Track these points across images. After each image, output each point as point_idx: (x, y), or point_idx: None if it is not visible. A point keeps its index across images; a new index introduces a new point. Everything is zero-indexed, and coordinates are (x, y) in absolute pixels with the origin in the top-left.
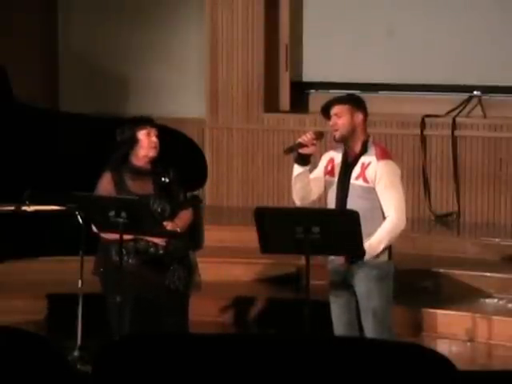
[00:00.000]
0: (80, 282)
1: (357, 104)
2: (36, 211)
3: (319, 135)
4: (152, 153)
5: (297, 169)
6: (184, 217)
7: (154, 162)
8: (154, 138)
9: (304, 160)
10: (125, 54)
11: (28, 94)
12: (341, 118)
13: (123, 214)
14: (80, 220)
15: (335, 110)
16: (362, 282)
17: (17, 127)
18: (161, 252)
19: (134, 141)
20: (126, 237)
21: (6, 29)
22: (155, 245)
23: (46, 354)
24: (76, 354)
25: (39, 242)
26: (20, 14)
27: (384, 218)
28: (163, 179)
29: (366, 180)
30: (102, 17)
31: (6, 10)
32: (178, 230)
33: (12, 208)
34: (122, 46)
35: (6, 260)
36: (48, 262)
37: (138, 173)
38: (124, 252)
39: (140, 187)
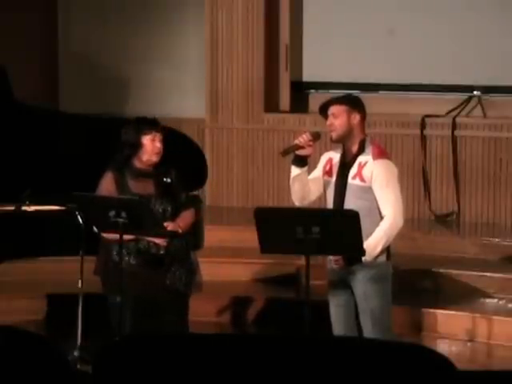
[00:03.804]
0: (80, 282)
1: (354, 104)
2: (36, 211)
3: (316, 136)
4: (155, 158)
5: (294, 170)
6: (186, 217)
7: (155, 163)
8: (158, 144)
9: (301, 161)
10: (125, 54)
11: (28, 94)
12: (337, 119)
13: (123, 214)
14: (80, 220)
15: (332, 110)
16: (360, 283)
17: (17, 127)
18: (162, 252)
19: (137, 145)
20: (128, 237)
21: (6, 29)
22: (156, 245)
23: (46, 353)
24: (76, 353)
25: (39, 242)
26: (20, 14)
27: (382, 217)
28: (165, 179)
29: (362, 179)
30: (102, 17)
31: (6, 10)
32: (180, 230)
33: (12, 208)
34: (122, 46)
35: (6, 260)
36: (48, 261)
37: (139, 175)
38: (125, 252)
39: (142, 188)
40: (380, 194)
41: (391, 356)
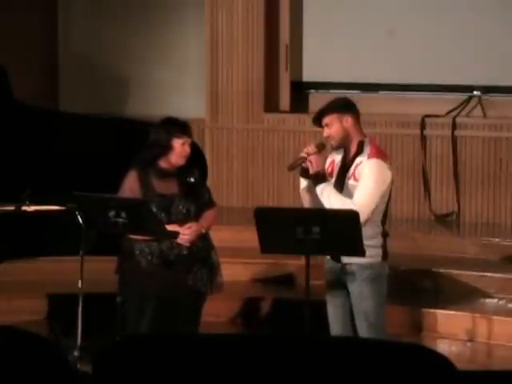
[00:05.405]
0: (80, 282)
1: (343, 109)
2: (36, 211)
3: (321, 147)
4: (182, 161)
5: (303, 182)
6: (208, 217)
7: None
8: (188, 149)
9: (309, 173)
10: (125, 54)
11: (28, 94)
12: (332, 128)
13: (123, 214)
14: (80, 220)
15: (325, 121)
16: (355, 283)
17: (17, 127)
18: (184, 252)
19: (168, 147)
20: (147, 238)
21: (6, 29)
22: (178, 245)
23: (46, 353)
24: (76, 354)
25: (39, 242)
26: (20, 14)
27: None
28: (189, 179)
29: (355, 179)
30: (102, 17)
31: (6, 10)
32: (203, 230)
33: (12, 208)
34: (122, 46)
35: (6, 260)
36: (48, 261)
37: (164, 174)
38: (148, 251)
39: (165, 187)
40: (360, 183)
41: (391, 356)
